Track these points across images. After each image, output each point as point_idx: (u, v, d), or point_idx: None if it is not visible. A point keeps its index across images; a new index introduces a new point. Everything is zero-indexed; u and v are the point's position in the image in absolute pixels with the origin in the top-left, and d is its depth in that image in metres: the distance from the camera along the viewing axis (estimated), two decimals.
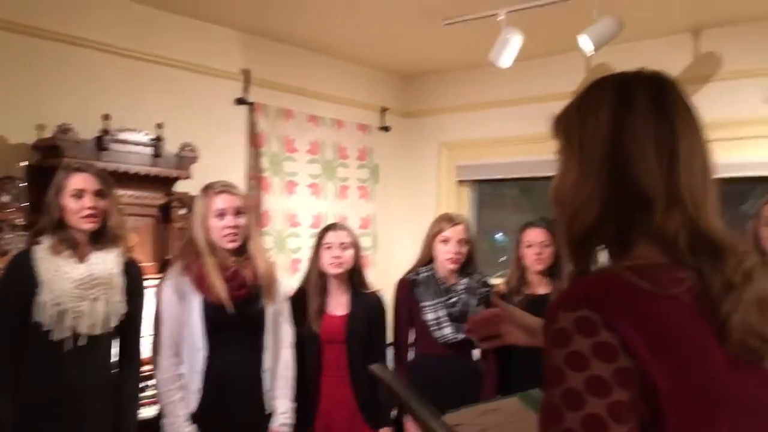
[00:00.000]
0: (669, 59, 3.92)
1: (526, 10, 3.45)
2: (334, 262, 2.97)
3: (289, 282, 3.75)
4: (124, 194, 3.14)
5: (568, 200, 0.96)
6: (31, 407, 2.28)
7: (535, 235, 3.11)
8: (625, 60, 1.00)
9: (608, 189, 0.93)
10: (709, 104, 4.26)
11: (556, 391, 0.80)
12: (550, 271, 3.12)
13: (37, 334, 2.29)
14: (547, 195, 1.04)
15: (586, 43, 3.33)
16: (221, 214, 2.61)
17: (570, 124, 0.99)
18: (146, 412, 2.76)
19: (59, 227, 2.37)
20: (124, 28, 3.64)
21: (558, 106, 1.04)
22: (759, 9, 3.54)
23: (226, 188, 2.66)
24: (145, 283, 2.65)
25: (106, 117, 3.26)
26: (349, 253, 3.01)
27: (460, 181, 4.99)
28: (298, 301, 2.98)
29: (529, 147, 4.54)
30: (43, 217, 2.41)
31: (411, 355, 3.21)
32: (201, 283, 2.57)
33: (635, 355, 0.79)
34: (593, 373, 0.79)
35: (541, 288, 3.14)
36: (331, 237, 3.00)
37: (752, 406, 0.88)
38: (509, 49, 3.57)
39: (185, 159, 3.57)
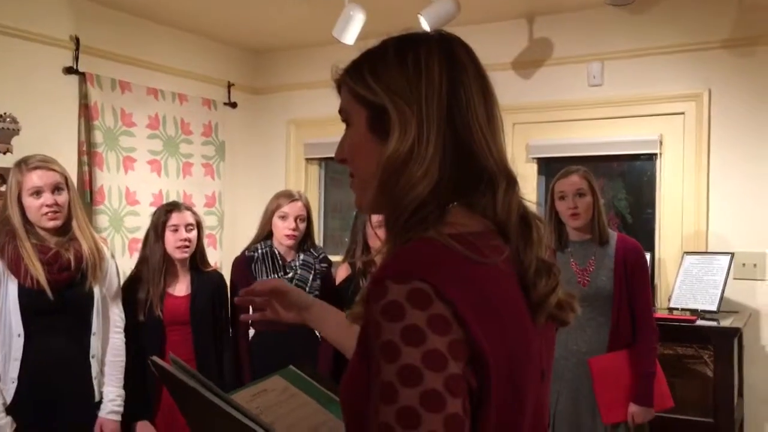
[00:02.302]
0: (505, 43, 4.09)
1: None
2: (182, 245, 2.88)
3: (125, 263, 3.58)
4: None
5: (403, 170, 0.88)
6: None
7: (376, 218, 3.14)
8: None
9: (446, 157, 0.88)
10: (540, 87, 4.52)
11: (390, 367, 0.76)
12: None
13: None
14: None
15: (424, 23, 3.39)
16: (38, 192, 2.42)
17: (395, 81, 0.90)
18: None
19: None
20: None
21: None
22: None
23: (42, 163, 2.47)
24: None
25: None
26: (194, 234, 2.95)
27: (309, 159, 4.96)
28: (135, 283, 2.86)
29: None
30: None
31: (251, 333, 3.17)
32: (17, 268, 2.38)
33: (465, 325, 0.78)
34: (430, 347, 0.76)
35: None
36: (175, 218, 2.89)
37: (537, 364, 0.92)
38: (353, 26, 3.58)
39: (5, 131, 3.30)
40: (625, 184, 4.51)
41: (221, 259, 4.54)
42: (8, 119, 3.30)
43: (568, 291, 0.96)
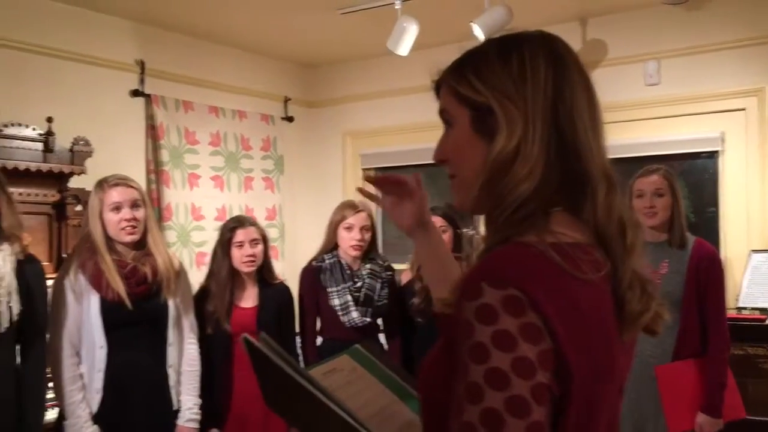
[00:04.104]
0: None
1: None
2: (248, 261, 2.96)
3: (193, 276, 3.70)
4: (14, 192, 3.01)
5: (509, 169, 0.88)
6: None
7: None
8: None
9: (551, 157, 0.88)
10: (596, 89, 4.50)
11: (478, 368, 0.77)
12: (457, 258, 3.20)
13: None
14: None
15: (478, 31, 3.43)
16: (117, 207, 2.54)
17: (500, 81, 0.90)
18: (48, 415, 2.67)
19: None
20: (8, 17, 3.48)
21: None
22: None
23: (121, 180, 2.60)
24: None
25: None
26: (260, 249, 3.02)
27: (365, 169, 5.03)
28: (205, 297, 2.95)
29: (433, 133, 4.57)
30: None
31: (319, 341, 3.23)
32: (98, 281, 2.50)
33: (555, 338, 0.79)
34: (520, 354, 0.77)
35: None
36: (240, 235, 2.98)
37: (618, 381, 0.93)
38: (406, 37, 3.64)
39: (79, 154, 3.45)
40: (685, 183, 4.44)
41: (283, 270, 4.63)
42: (81, 142, 3.46)
43: (659, 301, 0.95)
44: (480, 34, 3.44)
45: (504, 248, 0.87)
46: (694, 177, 4.40)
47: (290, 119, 4.97)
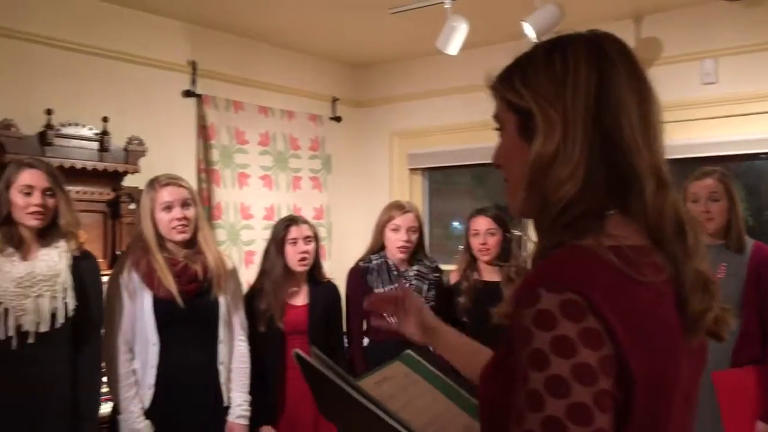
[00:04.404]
0: None
1: None
2: (302, 258, 2.98)
3: (242, 275, 3.74)
4: (71, 190, 3.08)
5: (549, 171, 0.88)
6: None
7: (481, 223, 3.16)
8: None
9: (594, 158, 0.87)
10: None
11: (538, 375, 0.76)
12: (498, 260, 3.17)
13: None
14: (500, 181, 0.95)
15: (529, 30, 3.38)
16: (168, 207, 2.58)
17: (542, 84, 0.90)
18: (102, 409, 2.72)
19: (6, 222, 2.34)
20: (66, 19, 3.56)
21: None
22: None
23: (172, 180, 2.64)
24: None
25: (49, 112, 3.20)
26: (313, 247, 3.03)
27: (412, 169, 5.02)
28: (257, 295, 2.97)
29: (480, 134, 4.56)
30: None
31: (365, 342, 3.23)
32: (150, 279, 2.54)
33: (617, 343, 0.78)
34: (580, 360, 0.76)
35: (491, 275, 3.20)
36: (294, 232, 3.00)
37: (686, 385, 0.90)
38: (456, 36, 3.61)
39: (133, 153, 3.52)
40: (743, 185, 4.31)
41: (330, 269, 4.64)
42: (135, 142, 3.53)
43: (723, 305, 0.93)
44: (531, 33, 3.40)
45: (560, 252, 0.86)
46: (752, 178, 4.27)
47: (338, 119, 4.99)
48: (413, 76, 4.90)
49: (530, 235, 4.41)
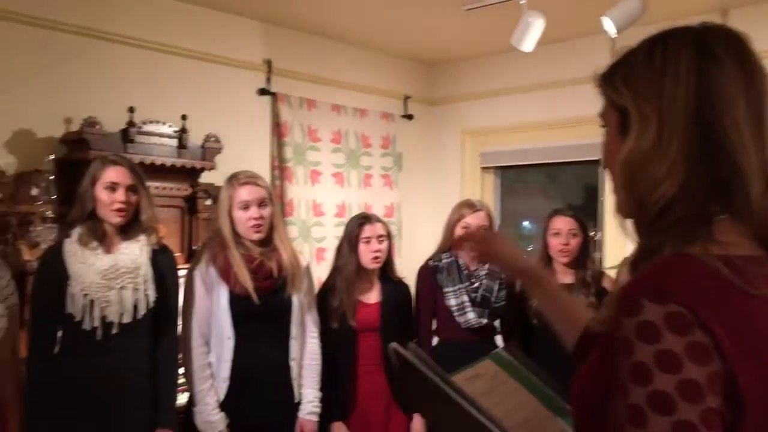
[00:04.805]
0: None
1: None
2: (375, 257, 2.98)
3: (314, 271, 3.78)
4: (150, 186, 3.17)
5: (644, 169, 0.84)
6: (71, 396, 2.33)
7: (563, 223, 3.09)
8: None
9: (694, 156, 0.83)
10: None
11: (640, 390, 0.73)
12: (576, 262, 3.09)
13: (71, 325, 2.34)
14: (574, 181, 0.96)
15: (609, 25, 3.28)
16: (246, 206, 2.62)
17: (640, 79, 0.87)
18: (179, 399, 2.79)
19: (90, 218, 2.41)
20: (147, 20, 3.67)
21: (583, 90, 0.96)
22: None
23: (250, 179, 2.67)
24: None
25: (131, 109, 3.29)
26: (386, 245, 3.03)
27: (484, 168, 4.96)
28: (329, 292, 2.99)
29: (554, 132, 4.51)
30: (75, 207, 2.44)
31: (434, 341, 3.21)
32: (227, 275, 2.58)
33: (725, 359, 0.74)
34: (687, 376, 0.72)
35: (565, 277, 3.13)
36: (368, 230, 3.00)
37: None
38: (531, 32, 3.53)
39: (210, 150, 3.59)
40: None
41: (400, 267, 4.63)
42: (212, 139, 3.60)
43: None
44: (611, 28, 3.29)
45: (665, 260, 0.82)
46: None
47: (410, 117, 4.98)
48: (486, 73, 4.84)
49: (603, 235, 4.30)
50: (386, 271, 3.09)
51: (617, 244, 4.14)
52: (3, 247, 2.95)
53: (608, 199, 4.32)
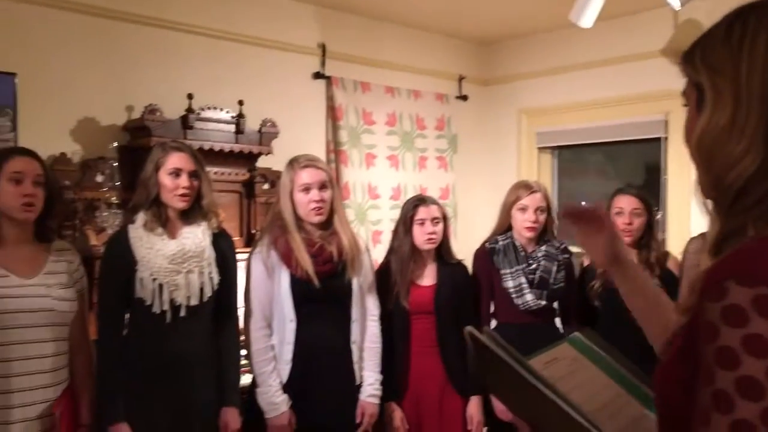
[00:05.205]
0: None
1: None
2: (429, 239, 2.97)
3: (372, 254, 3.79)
4: (209, 171, 3.22)
5: (720, 147, 0.82)
6: (140, 377, 2.40)
7: (627, 203, 3.02)
8: (718, 14, 0.90)
9: None
10: None
11: (726, 375, 0.71)
12: (639, 243, 3.02)
13: (141, 308, 2.39)
14: (634, 160, 0.93)
15: None
16: (307, 189, 2.63)
17: (716, 55, 0.85)
18: (242, 380, 2.85)
19: (154, 203, 2.46)
20: (204, 7, 3.71)
21: (645, 66, 0.92)
22: None
23: (311, 162, 2.69)
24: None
25: (190, 96, 3.34)
26: (441, 227, 3.01)
27: (541, 148, 4.88)
28: (385, 274, 3.00)
29: (614, 110, 4.40)
30: (138, 193, 2.49)
31: (492, 324, 3.19)
32: (288, 259, 2.61)
33: None
34: None
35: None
36: (422, 212, 2.99)
37: None
38: (591, 7, 3.42)
39: (266, 135, 3.63)
40: None
41: (456, 250, 4.62)
42: (269, 124, 3.63)
43: None
44: (674, 1, 3.18)
45: (749, 243, 0.79)
46: None
47: (464, 98, 4.92)
48: (543, 51, 4.74)
49: (664, 215, 4.19)
50: (442, 254, 3.07)
51: (681, 224, 4.03)
52: (71, 232, 3.04)
53: (671, 178, 4.20)
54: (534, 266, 3.06)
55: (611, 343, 1.40)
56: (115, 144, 3.28)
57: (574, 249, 3.32)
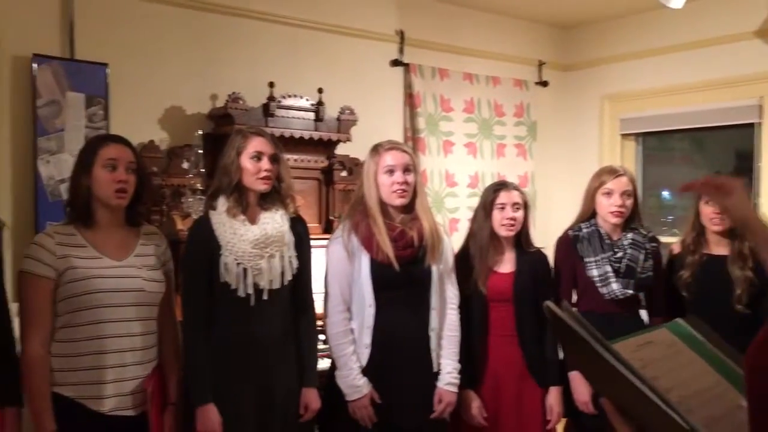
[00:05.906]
0: None
1: None
2: (508, 224, 2.92)
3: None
4: (289, 158, 3.27)
5: None
6: (225, 360, 2.45)
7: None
8: None
9: None
10: None
11: None
12: (732, 233, 2.89)
13: (226, 292, 2.44)
14: (724, 147, 0.89)
15: None
16: (391, 171, 2.63)
17: None
18: (320, 364, 2.88)
19: (235, 189, 2.51)
20: None
21: (737, 49, 0.88)
22: None
23: (395, 145, 2.69)
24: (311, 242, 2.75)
25: (272, 84, 3.40)
26: (521, 214, 2.96)
27: (624, 135, 4.73)
28: (463, 259, 2.97)
29: (702, 95, 4.22)
30: (221, 178, 2.53)
31: None
32: (369, 243, 2.61)
33: None
34: None
35: (719, 248, 2.94)
36: (503, 197, 2.94)
37: None
38: None
39: (345, 122, 3.65)
40: None
41: (535, 238, 4.54)
42: (347, 111, 3.66)
43: None
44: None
45: None
46: None
47: (544, 84, 4.82)
48: (627, 34, 4.59)
49: (760, 206, 3.99)
50: (521, 242, 3.01)
51: None
52: (158, 217, 3.15)
53: (766, 166, 4.00)
54: (620, 254, 2.97)
55: None
56: (200, 132, 3.36)
57: (663, 240, 3.21)
